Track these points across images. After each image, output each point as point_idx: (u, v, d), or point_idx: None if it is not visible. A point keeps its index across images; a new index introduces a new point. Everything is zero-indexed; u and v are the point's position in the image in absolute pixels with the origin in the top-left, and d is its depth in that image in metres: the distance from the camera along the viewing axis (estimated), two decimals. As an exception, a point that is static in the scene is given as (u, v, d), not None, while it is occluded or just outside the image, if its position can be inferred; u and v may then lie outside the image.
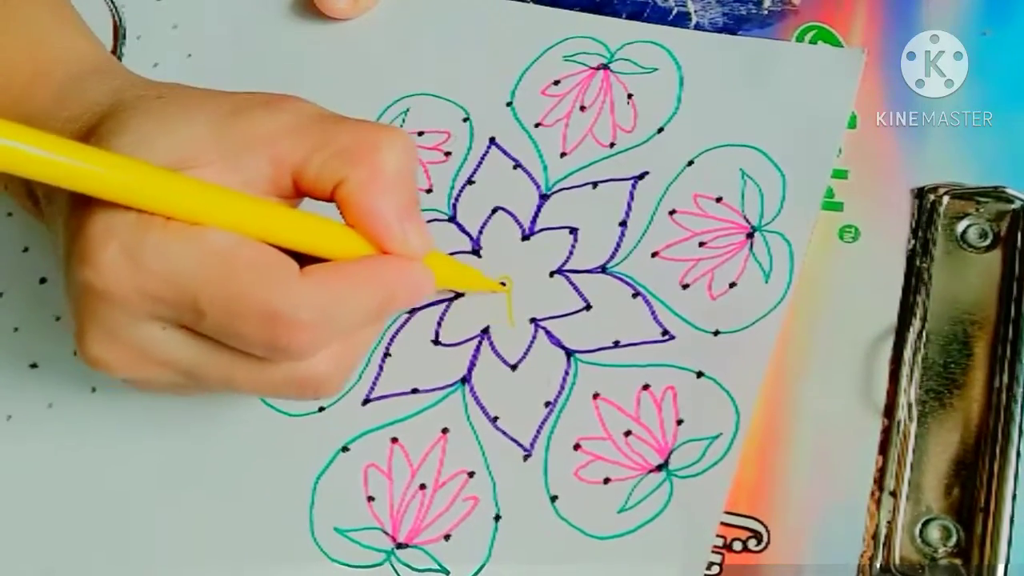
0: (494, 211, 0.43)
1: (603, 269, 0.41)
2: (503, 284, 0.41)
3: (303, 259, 0.32)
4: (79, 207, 0.31)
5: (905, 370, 0.37)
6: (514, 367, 0.40)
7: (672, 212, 0.41)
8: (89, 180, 0.29)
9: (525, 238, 0.42)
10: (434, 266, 0.35)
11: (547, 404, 0.39)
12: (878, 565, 0.36)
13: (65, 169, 0.28)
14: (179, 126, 0.32)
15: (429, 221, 0.42)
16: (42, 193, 0.36)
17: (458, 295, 0.41)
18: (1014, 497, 0.35)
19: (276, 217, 0.32)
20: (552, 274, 0.41)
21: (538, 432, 0.39)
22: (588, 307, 0.40)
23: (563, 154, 0.43)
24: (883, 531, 0.36)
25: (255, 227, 0.32)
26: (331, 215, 0.34)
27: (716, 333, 0.39)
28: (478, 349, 0.40)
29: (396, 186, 0.33)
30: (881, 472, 0.37)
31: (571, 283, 0.41)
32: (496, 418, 0.39)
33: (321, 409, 0.41)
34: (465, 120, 0.44)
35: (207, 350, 0.33)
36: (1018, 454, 0.36)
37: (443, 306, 0.41)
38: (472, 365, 0.40)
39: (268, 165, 0.33)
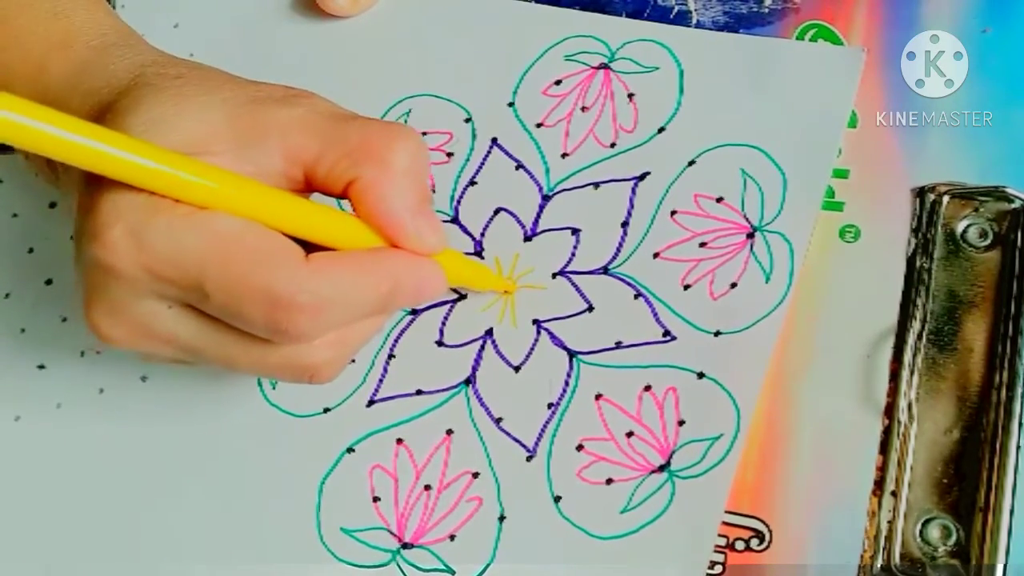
0: (496, 212, 0.43)
1: (605, 270, 0.41)
2: (505, 292, 0.41)
3: (314, 249, 0.33)
4: (91, 184, 0.32)
5: (905, 370, 0.38)
6: (517, 368, 0.40)
7: (673, 212, 0.41)
8: (99, 160, 0.29)
9: (527, 239, 0.42)
10: (447, 264, 0.35)
11: (550, 405, 0.39)
12: (879, 564, 0.36)
13: (76, 149, 0.29)
14: (194, 111, 0.32)
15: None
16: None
17: (461, 296, 0.42)
18: (1014, 492, 0.35)
19: (284, 205, 0.33)
20: (554, 275, 0.41)
21: (541, 433, 0.39)
22: (590, 308, 0.40)
23: (564, 154, 0.43)
24: (884, 530, 0.36)
25: (262, 214, 0.32)
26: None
27: (717, 334, 0.39)
28: (481, 350, 0.41)
29: (407, 183, 0.33)
30: (881, 472, 0.37)
31: (573, 284, 0.41)
32: (500, 419, 0.40)
33: (327, 411, 0.41)
34: (467, 121, 0.44)
35: (210, 329, 0.33)
36: (1018, 447, 0.36)
37: (446, 308, 0.42)
38: (476, 366, 0.40)
39: (280, 160, 0.33)
